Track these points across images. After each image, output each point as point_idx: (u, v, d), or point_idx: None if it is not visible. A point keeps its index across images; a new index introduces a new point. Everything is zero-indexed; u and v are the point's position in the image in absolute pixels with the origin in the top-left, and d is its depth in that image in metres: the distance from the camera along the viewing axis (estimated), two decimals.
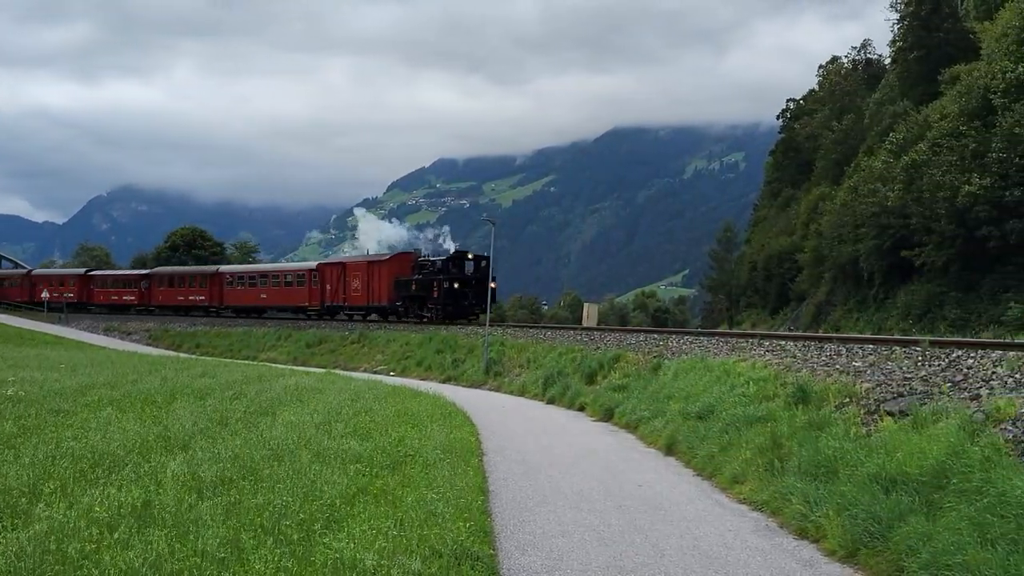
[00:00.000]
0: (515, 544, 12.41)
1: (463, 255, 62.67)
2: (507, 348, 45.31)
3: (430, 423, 21.85)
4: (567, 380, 34.27)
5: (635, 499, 15.56)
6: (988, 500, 10.15)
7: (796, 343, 24.73)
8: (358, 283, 67.86)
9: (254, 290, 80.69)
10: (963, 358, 16.43)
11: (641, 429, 23.68)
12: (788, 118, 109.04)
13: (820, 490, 13.07)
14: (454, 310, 60.12)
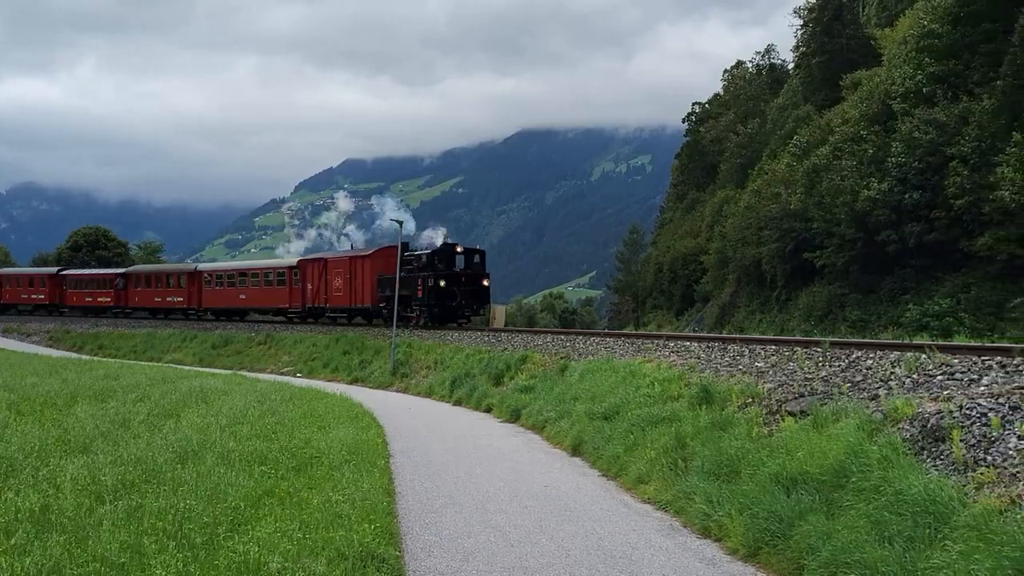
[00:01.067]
0: (421, 545, 12.40)
1: (451, 248, 52.45)
2: (414, 349, 45.17)
3: (337, 425, 21.76)
4: (474, 381, 34.26)
5: (541, 500, 15.62)
6: (886, 498, 10.34)
7: (700, 344, 24.96)
8: (340, 281, 59.64)
9: (233, 290, 72.27)
10: (862, 359, 16.71)
11: (547, 430, 23.75)
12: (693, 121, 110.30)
13: (723, 490, 13.24)
14: (440, 312, 50.66)
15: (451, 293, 49.95)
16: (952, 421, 11.31)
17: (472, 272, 51.32)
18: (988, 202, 43.72)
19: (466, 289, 50.50)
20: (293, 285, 64.64)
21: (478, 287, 51.00)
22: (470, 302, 50.83)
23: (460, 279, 50.56)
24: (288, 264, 66.89)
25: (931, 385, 13.42)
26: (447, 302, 50.03)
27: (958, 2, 51.27)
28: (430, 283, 50.13)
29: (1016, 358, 13.48)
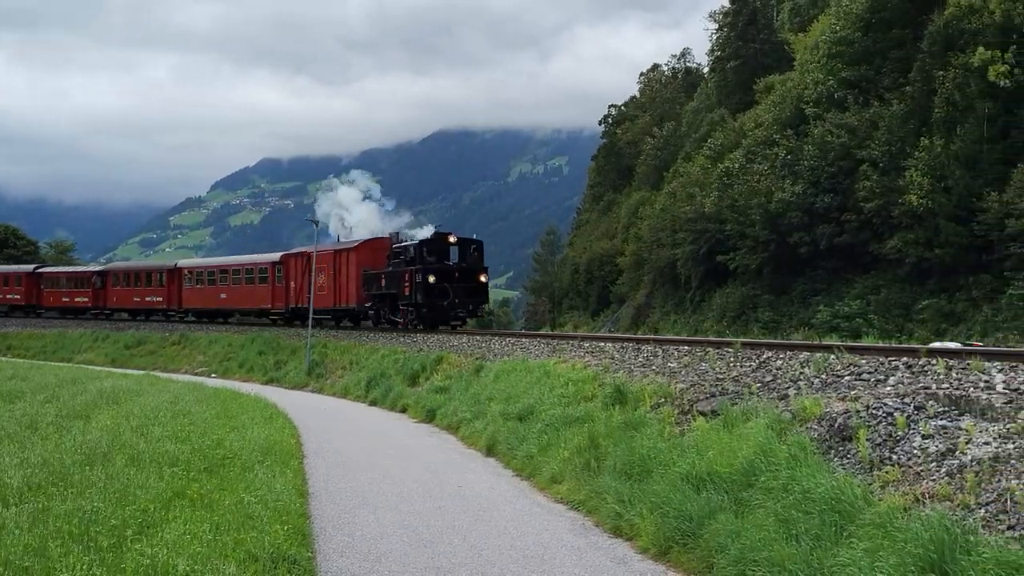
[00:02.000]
0: (334, 547, 12.34)
1: (443, 238, 44.14)
2: (330, 350, 44.97)
3: (250, 425, 21.58)
4: (390, 382, 34.18)
5: (455, 500, 15.62)
6: (793, 497, 10.48)
7: (615, 344, 25.10)
8: (324, 278, 51.67)
9: (213, 289, 64.63)
10: (773, 359, 16.92)
11: (462, 430, 23.75)
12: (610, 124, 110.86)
13: (634, 489, 13.31)
14: (431, 313, 42.67)
15: (443, 291, 42.20)
16: (859, 421, 11.50)
17: (468, 266, 43.51)
18: (897, 206, 44.55)
19: (461, 286, 42.67)
20: (276, 283, 57.61)
21: (475, 283, 43.39)
22: (465, 301, 42.98)
23: (453, 274, 42.74)
24: (270, 260, 59.57)
25: (839, 385, 13.63)
26: (438, 301, 42.23)
27: (869, 8, 52.14)
28: (418, 279, 42.34)
29: (922, 359, 13.71)
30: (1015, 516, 8.38)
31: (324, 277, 51.31)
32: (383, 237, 49.92)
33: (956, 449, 10.02)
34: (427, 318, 42.53)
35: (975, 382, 11.74)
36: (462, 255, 43.78)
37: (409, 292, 42.73)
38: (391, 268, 44.91)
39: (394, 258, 45.08)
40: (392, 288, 44.53)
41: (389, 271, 44.99)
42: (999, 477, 9.10)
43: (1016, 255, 39.60)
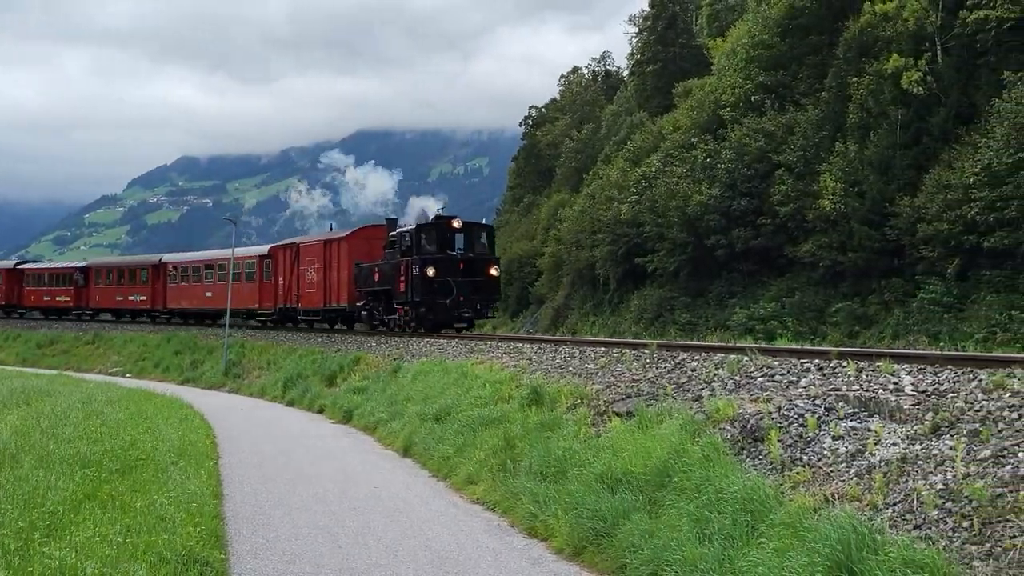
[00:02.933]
0: (247, 548, 12.26)
1: (445, 223, 37.37)
2: (247, 350, 44.61)
3: (165, 426, 21.37)
4: (307, 382, 34.01)
5: (371, 501, 15.59)
6: (706, 497, 10.59)
7: (532, 345, 25.18)
8: (313, 274, 45.07)
9: (199, 287, 57.91)
10: (688, 361, 17.07)
11: (379, 431, 23.72)
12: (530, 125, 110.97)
13: (550, 490, 13.37)
14: (430, 313, 35.75)
15: (444, 286, 35.39)
16: (771, 422, 11.65)
17: (475, 256, 36.79)
18: (811, 210, 45.12)
19: (466, 280, 35.93)
20: (264, 279, 50.75)
21: (484, 277, 36.47)
22: (472, 298, 36.09)
23: (457, 266, 35.99)
24: (257, 253, 52.71)
25: (752, 387, 13.79)
26: (439, 298, 35.46)
27: (787, 14, 52.77)
28: (414, 272, 35.57)
29: (833, 360, 13.92)
30: (921, 516, 8.53)
31: (313, 272, 45.22)
32: (379, 224, 43.35)
33: (865, 450, 10.19)
34: (426, 319, 35.92)
35: (884, 384, 11.94)
36: (468, 243, 37.09)
37: (405, 288, 36.20)
38: (384, 260, 38.69)
39: (389, 248, 38.80)
40: (387, 283, 38.10)
41: (383, 264, 38.62)
42: (906, 478, 9.26)
43: (927, 259, 40.28)
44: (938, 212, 38.93)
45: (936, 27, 43.30)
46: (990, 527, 7.91)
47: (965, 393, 10.78)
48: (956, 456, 9.05)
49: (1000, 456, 8.82)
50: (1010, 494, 8.12)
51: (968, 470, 8.79)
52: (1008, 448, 8.89)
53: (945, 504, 8.49)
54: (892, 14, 45.38)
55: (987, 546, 7.78)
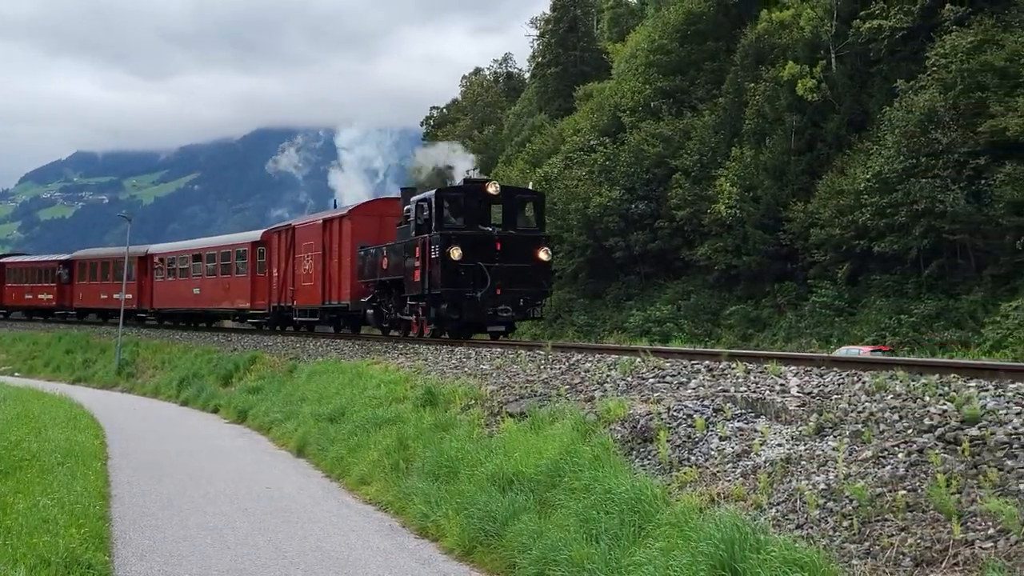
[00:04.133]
0: (133, 550, 12.06)
1: (478, 188, 27.60)
2: (142, 349, 43.94)
3: (52, 426, 20.93)
4: (202, 382, 33.59)
5: (262, 501, 15.44)
6: (595, 497, 10.65)
7: (428, 346, 25.17)
8: (311, 263, 36.31)
9: (185, 283, 49.24)
10: (582, 362, 17.20)
11: (274, 431, 23.51)
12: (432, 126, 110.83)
13: (442, 490, 13.36)
14: (455, 312, 26.41)
15: (475, 274, 25.95)
16: (660, 423, 11.76)
17: (519, 234, 27.11)
18: (707, 214, 45.71)
19: (507, 266, 26.25)
20: (257, 272, 42.27)
21: (531, 264, 26.73)
22: (514, 291, 26.34)
23: (494, 247, 26.37)
24: (249, 240, 43.86)
25: (644, 388, 13.92)
26: (467, 291, 25.90)
27: (685, 20, 53.38)
28: (433, 254, 26.33)
29: (723, 362, 14.12)
30: (803, 515, 8.67)
31: (310, 261, 36.62)
32: (392, 197, 34.93)
33: (751, 451, 10.33)
34: (447, 320, 26.84)
35: (771, 386, 12.14)
36: (509, 215, 27.48)
37: (421, 277, 26.86)
38: (397, 241, 29.31)
39: (403, 224, 29.37)
40: (397, 272, 28.70)
41: (393, 246, 29.34)
42: (790, 478, 9.40)
43: (819, 263, 41.06)
44: (830, 217, 39.73)
45: (831, 36, 44.18)
46: (869, 526, 8.06)
47: (849, 395, 11.00)
48: (838, 457, 9.21)
49: (881, 457, 9.00)
50: (889, 494, 8.28)
51: (850, 470, 8.95)
52: (888, 449, 9.07)
53: (827, 504, 8.63)
54: (788, 22, 46.20)
55: (866, 545, 7.93)
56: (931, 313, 34.64)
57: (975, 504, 7.59)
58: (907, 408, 9.92)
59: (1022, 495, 7.45)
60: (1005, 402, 9.37)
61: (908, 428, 9.40)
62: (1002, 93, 34.66)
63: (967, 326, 32.77)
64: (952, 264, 36.62)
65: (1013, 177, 32.81)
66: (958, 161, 35.55)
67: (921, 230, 35.41)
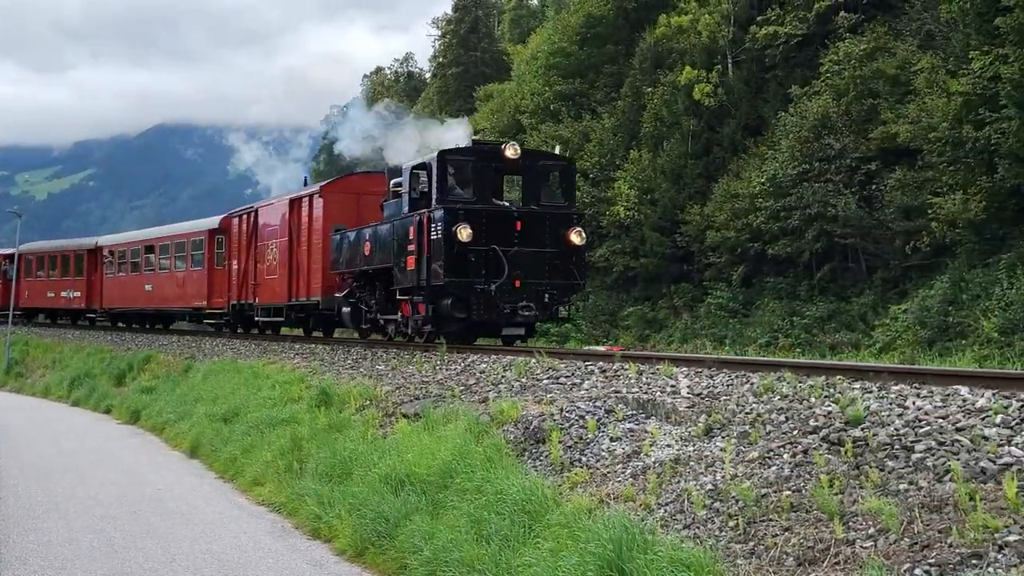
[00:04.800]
0: (16, 554, 11.85)
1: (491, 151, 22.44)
2: (31, 347, 43.13)
3: None
4: (94, 382, 33.11)
5: (153, 503, 15.26)
6: (486, 498, 10.68)
7: (325, 346, 25.07)
8: (276, 252, 31.40)
9: (137, 279, 44.06)
10: (477, 363, 17.24)
11: (167, 432, 23.26)
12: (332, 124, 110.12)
13: (335, 491, 13.31)
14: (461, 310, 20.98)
15: (489, 261, 20.79)
16: (553, 423, 11.82)
17: (544, 211, 21.77)
18: (606, 216, 45.99)
19: (529, 251, 21.16)
20: (215, 265, 37.36)
21: (561, 249, 21.55)
22: (537, 284, 21.20)
23: (513, 226, 21.23)
24: (207, 226, 38.79)
25: (537, 389, 13.99)
26: (476, 281, 20.69)
27: (585, 23, 53.64)
28: (435, 232, 21.05)
29: (616, 363, 14.24)
30: (690, 516, 8.78)
31: (275, 249, 31.56)
32: (374, 172, 30.49)
33: (641, 451, 10.42)
34: (451, 320, 21.31)
35: (662, 386, 12.27)
36: (532, 187, 22.03)
37: (416, 264, 21.43)
38: (385, 220, 24.03)
39: (392, 198, 24.19)
40: (384, 259, 23.34)
41: (379, 227, 24.04)
42: (678, 478, 9.51)
43: (714, 266, 41.55)
44: (726, 220, 40.21)
45: (728, 41, 44.71)
46: (754, 526, 8.17)
47: (737, 396, 11.15)
48: (726, 458, 9.33)
49: (767, 457, 9.14)
50: (774, 494, 8.41)
51: (736, 471, 9.08)
52: (774, 450, 9.22)
53: (713, 504, 8.74)
54: (686, 27, 46.67)
55: (750, 544, 8.03)
56: (823, 315, 35.20)
57: (857, 504, 7.72)
58: (793, 409, 10.09)
59: (902, 495, 7.59)
60: (888, 404, 9.57)
61: (794, 429, 9.56)
62: (893, 100, 35.34)
63: (857, 328, 33.35)
64: (843, 267, 37.25)
65: (903, 182, 33.48)
66: (850, 166, 36.21)
67: (814, 234, 35.99)
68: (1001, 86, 28.37)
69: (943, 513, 7.14)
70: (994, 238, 30.17)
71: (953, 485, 7.31)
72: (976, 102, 29.73)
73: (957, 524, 6.86)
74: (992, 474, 7.40)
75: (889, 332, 31.16)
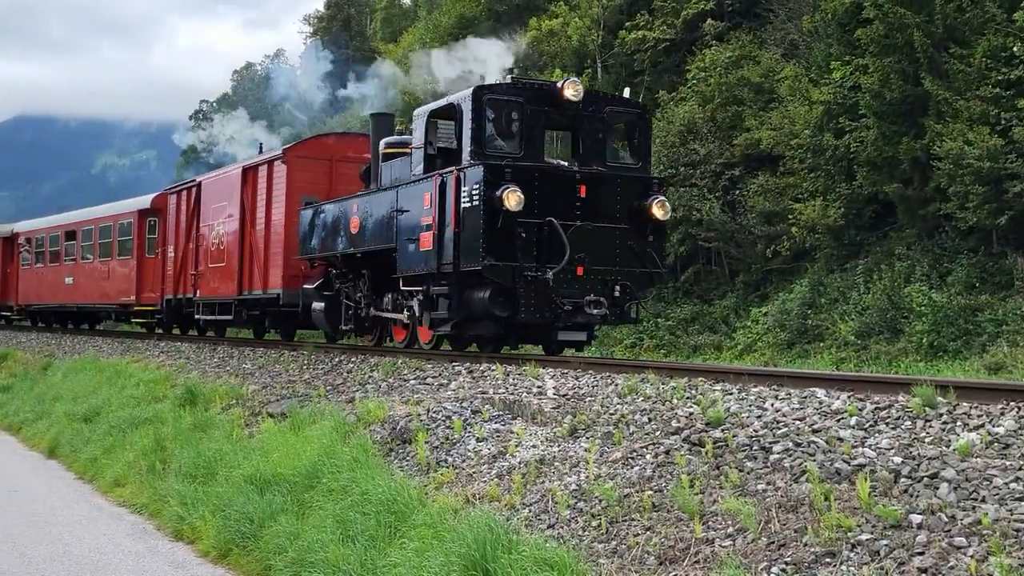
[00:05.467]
0: None
1: (555, 89, 16.47)
2: None
3: None
4: None
5: (7, 505, 14.89)
6: (352, 499, 10.66)
7: (191, 344, 24.77)
8: (222, 236, 26.68)
9: (57, 270, 38.59)
10: (344, 362, 17.21)
11: (24, 431, 22.73)
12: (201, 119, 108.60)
13: (199, 492, 13.15)
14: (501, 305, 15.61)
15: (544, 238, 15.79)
16: (419, 424, 11.86)
17: (616, 174, 17.06)
18: None
19: (597, 228, 16.26)
20: (146, 254, 32.31)
21: (636, 223, 16.65)
22: (610, 276, 16.30)
23: (575, 192, 16.21)
24: (136, 207, 33.79)
25: (404, 389, 14.03)
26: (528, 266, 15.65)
27: (457, 24, 53.76)
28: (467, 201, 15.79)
29: (483, 364, 14.33)
30: (554, 515, 8.88)
31: (223, 230, 26.62)
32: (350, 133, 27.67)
33: (506, 452, 10.52)
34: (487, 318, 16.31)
35: (529, 387, 12.40)
36: (594, 143, 17.08)
37: (435, 243, 16.46)
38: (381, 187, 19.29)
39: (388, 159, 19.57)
40: (381, 239, 18.50)
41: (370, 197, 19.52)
42: (543, 479, 9.61)
43: None
44: None
45: (597, 45, 45.17)
46: (616, 526, 8.30)
47: (602, 397, 11.33)
48: (589, 458, 9.46)
49: (630, 458, 9.28)
50: (636, 494, 8.54)
51: (600, 471, 9.20)
52: (637, 450, 9.37)
53: (577, 504, 8.84)
54: (557, 30, 47.03)
55: (613, 544, 8.15)
56: (687, 317, 35.73)
57: (716, 504, 7.88)
58: (656, 411, 10.28)
59: (760, 495, 7.78)
60: (747, 405, 9.81)
61: (656, 430, 9.73)
62: (756, 108, 36.06)
63: (720, 330, 33.93)
64: (707, 270, 37.88)
65: (765, 188, 34.16)
66: (715, 172, 36.84)
67: (679, 237, 36.51)
68: (861, 96, 29.15)
69: (799, 513, 7.32)
70: (852, 243, 30.98)
71: (809, 485, 7.50)
72: (836, 111, 30.51)
73: (812, 524, 7.04)
74: (846, 475, 7.61)
75: (750, 334, 31.79)
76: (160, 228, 31.33)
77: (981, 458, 7.37)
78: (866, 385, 9.94)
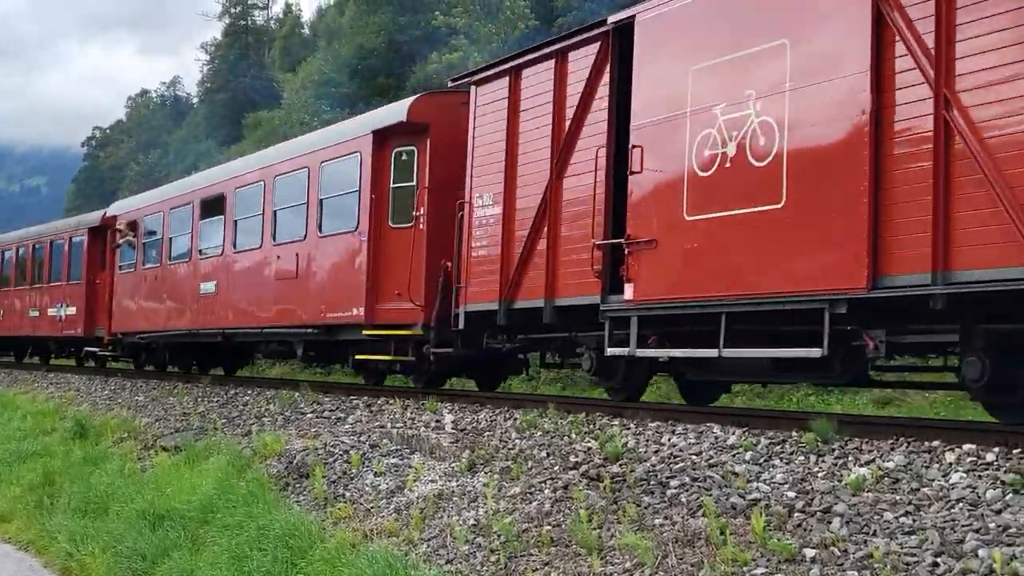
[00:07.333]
0: None
1: None
2: None
3: None
4: None
5: None
6: (248, 534, 10.51)
7: (81, 376, 24.29)
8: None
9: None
10: (240, 395, 17.02)
11: None
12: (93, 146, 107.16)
13: (89, 527, 12.87)
14: None
15: None
16: (316, 458, 11.76)
17: None
18: None
19: None
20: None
21: None
22: None
23: None
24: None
25: (302, 423, 13.90)
26: None
27: (356, 55, 53.70)
28: None
29: (381, 397, 14.28)
30: (453, 551, 8.85)
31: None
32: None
33: (405, 486, 10.47)
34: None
35: (427, 422, 12.36)
36: None
37: None
38: None
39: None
40: None
41: None
42: (442, 513, 9.59)
43: None
44: None
45: None
46: (515, 560, 8.29)
47: (501, 432, 11.33)
48: (488, 493, 9.45)
49: (528, 493, 9.30)
50: (535, 529, 8.56)
51: (499, 506, 9.20)
52: (535, 485, 9.39)
53: (476, 539, 8.83)
54: (457, 63, 47.22)
55: None
56: None
57: (614, 538, 7.92)
58: (555, 445, 10.31)
59: (657, 529, 7.84)
60: (645, 440, 9.89)
61: (555, 465, 9.77)
62: None
63: None
64: None
65: None
66: None
67: None
68: None
69: (696, 547, 7.39)
70: None
71: (705, 520, 7.59)
72: None
73: (709, 558, 7.11)
74: (742, 509, 7.71)
75: None
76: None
77: (872, 492, 7.51)
78: (760, 420, 10.08)
